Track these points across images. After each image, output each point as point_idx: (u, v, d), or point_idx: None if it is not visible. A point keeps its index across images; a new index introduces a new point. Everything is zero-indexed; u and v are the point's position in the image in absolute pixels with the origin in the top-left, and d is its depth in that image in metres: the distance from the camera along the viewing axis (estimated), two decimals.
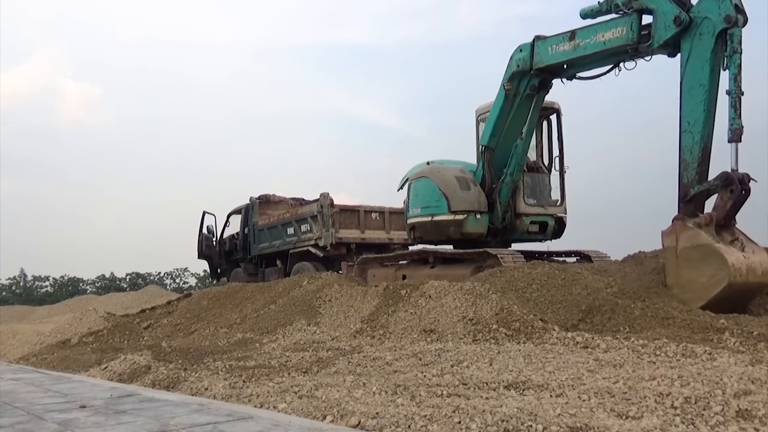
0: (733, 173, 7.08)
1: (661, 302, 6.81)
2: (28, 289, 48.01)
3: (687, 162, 7.43)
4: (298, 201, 18.02)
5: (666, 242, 7.21)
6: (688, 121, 7.43)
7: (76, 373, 7.26)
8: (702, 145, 7.36)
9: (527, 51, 9.30)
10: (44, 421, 3.96)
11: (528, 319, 6.65)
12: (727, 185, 7.08)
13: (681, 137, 7.52)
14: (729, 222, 7.22)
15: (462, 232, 10.17)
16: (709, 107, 7.34)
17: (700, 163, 7.37)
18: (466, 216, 10.11)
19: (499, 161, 10.18)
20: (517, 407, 3.52)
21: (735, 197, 7.07)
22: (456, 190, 10.24)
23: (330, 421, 3.70)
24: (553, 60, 9.02)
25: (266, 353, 6.87)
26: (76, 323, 12.36)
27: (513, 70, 9.50)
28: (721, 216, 7.10)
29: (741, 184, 7.05)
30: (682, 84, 7.50)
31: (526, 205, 10.33)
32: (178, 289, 43.10)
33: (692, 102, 7.40)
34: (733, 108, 7.04)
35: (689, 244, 6.95)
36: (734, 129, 7.02)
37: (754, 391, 3.70)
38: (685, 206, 7.38)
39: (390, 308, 7.84)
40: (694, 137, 7.39)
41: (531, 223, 10.41)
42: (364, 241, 15.46)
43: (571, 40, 8.67)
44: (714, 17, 7.20)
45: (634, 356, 5.13)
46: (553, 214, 10.59)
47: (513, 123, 9.88)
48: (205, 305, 11.18)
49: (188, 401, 4.53)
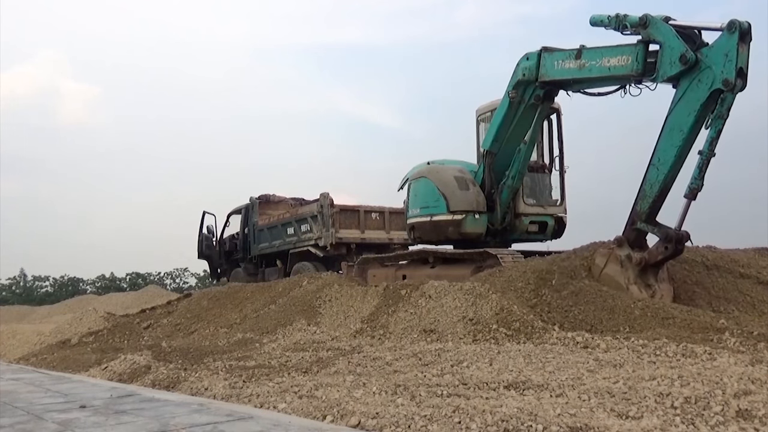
0: (674, 233, 7.43)
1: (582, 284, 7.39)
2: (28, 289, 48.02)
3: (645, 193, 7.74)
4: (298, 201, 18.02)
5: (597, 260, 7.75)
6: (659, 158, 7.65)
7: (76, 373, 7.26)
8: (662, 185, 7.62)
9: (534, 61, 9.18)
10: (44, 421, 3.97)
11: (528, 319, 6.65)
12: (665, 241, 7.48)
13: (648, 168, 7.76)
14: (658, 265, 7.70)
15: (460, 232, 10.17)
16: (681, 153, 7.52)
17: (656, 200, 7.67)
18: (464, 216, 10.10)
19: (500, 166, 10.17)
20: (517, 407, 3.52)
21: (668, 254, 7.50)
22: (455, 190, 10.24)
23: (330, 421, 3.70)
24: (558, 75, 8.95)
25: (266, 353, 6.88)
26: (76, 323, 12.37)
27: (518, 78, 9.38)
28: (651, 261, 7.60)
29: (677, 244, 7.43)
30: (667, 119, 7.60)
31: (526, 205, 10.32)
32: (178, 289, 43.10)
33: (668, 142, 7.56)
34: (699, 168, 7.25)
35: (610, 274, 7.60)
36: (693, 188, 7.28)
37: (754, 391, 3.70)
38: (629, 232, 7.81)
39: (390, 308, 7.84)
40: (659, 175, 7.64)
41: (531, 223, 10.40)
42: (364, 241, 15.45)
43: (577, 58, 8.57)
44: (716, 72, 7.13)
45: (634, 356, 5.13)
46: (553, 214, 10.58)
47: (516, 129, 9.84)
48: (205, 305, 11.19)
49: (188, 401, 4.53)
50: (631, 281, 7.51)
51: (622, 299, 7.01)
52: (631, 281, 7.51)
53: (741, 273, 8.21)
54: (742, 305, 7.60)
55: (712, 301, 7.66)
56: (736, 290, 7.83)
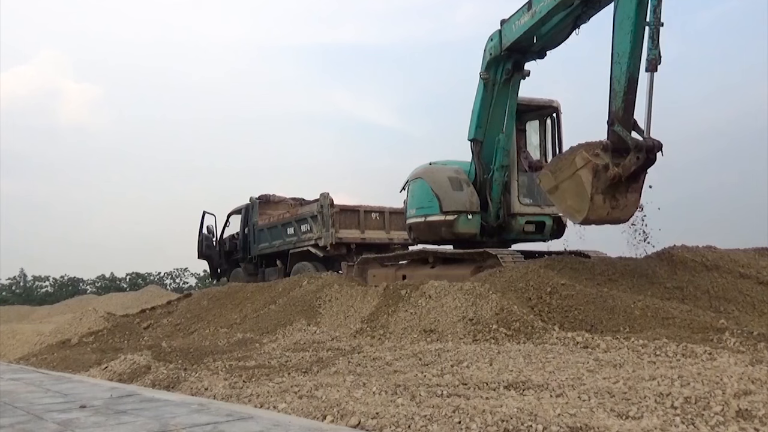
0: (644, 142, 7.50)
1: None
2: (28, 289, 48.06)
3: (616, 91, 7.80)
4: (298, 201, 18.01)
5: (576, 159, 7.85)
6: (618, 53, 7.78)
7: (76, 373, 7.26)
8: (628, 75, 7.68)
9: (497, 37, 9.72)
10: (44, 421, 3.96)
11: (528, 319, 6.65)
12: (636, 150, 7.56)
13: (612, 67, 7.87)
14: (634, 177, 7.74)
15: (453, 232, 10.23)
16: (635, 39, 7.62)
17: (627, 92, 7.71)
18: (457, 216, 10.16)
19: (487, 155, 10.29)
20: (517, 407, 3.51)
21: (639, 164, 7.56)
22: (448, 190, 10.31)
23: (330, 421, 3.70)
24: (517, 34, 9.34)
25: (266, 353, 6.87)
26: (76, 323, 12.38)
27: (487, 59, 9.88)
28: (625, 175, 7.64)
29: (648, 153, 7.52)
30: (614, 17, 7.82)
31: (521, 204, 10.26)
32: (178, 289, 43.14)
33: (621, 34, 7.72)
34: (651, 38, 7.39)
35: (581, 179, 7.74)
36: (650, 59, 7.36)
37: (754, 391, 3.69)
38: (611, 134, 7.82)
39: (390, 308, 7.84)
40: (621, 67, 7.72)
41: (527, 223, 10.34)
42: (364, 241, 15.44)
43: (529, 10, 9.07)
44: None
45: (634, 356, 5.13)
46: (551, 213, 10.48)
47: (495, 112, 10.11)
48: (205, 305, 11.19)
49: (188, 401, 4.53)
50: (597, 191, 7.65)
51: (622, 299, 7.02)
52: (597, 191, 7.65)
53: (741, 273, 8.21)
54: (742, 305, 7.59)
55: (712, 301, 7.65)
56: (736, 290, 7.82)
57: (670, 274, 8.14)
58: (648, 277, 8.12)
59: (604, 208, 7.74)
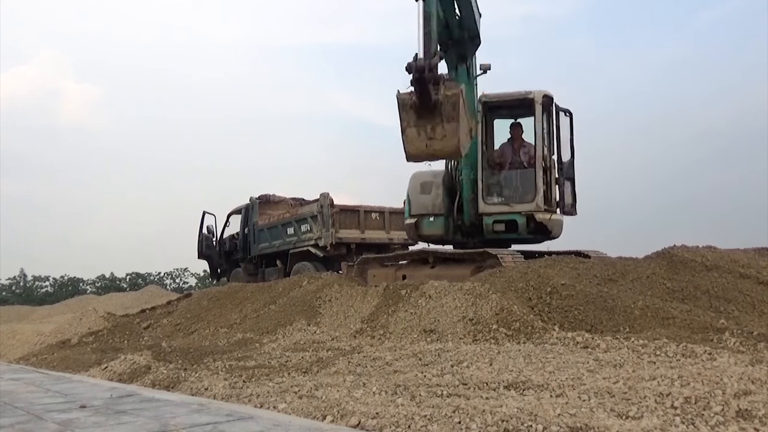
0: (416, 63, 7.35)
1: None
2: (28, 289, 48.06)
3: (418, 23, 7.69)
4: (298, 201, 18.02)
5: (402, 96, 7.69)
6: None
7: (76, 373, 7.26)
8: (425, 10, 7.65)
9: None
10: (44, 421, 3.96)
11: (528, 319, 6.64)
12: (408, 71, 7.40)
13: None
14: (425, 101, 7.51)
15: (419, 234, 10.64)
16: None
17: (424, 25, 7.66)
18: (419, 219, 10.54)
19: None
20: (517, 407, 3.51)
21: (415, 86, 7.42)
22: (416, 194, 10.62)
23: (330, 421, 3.70)
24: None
25: (266, 353, 6.87)
26: (76, 323, 12.39)
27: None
28: (420, 102, 7.52)
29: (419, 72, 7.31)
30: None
31: (486, 204, 10.06)
32: (178, 289, 43.14)
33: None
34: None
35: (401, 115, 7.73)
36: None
37: (754, 391, 3.69)
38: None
39: (390, 308, 7.84)
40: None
41: (495, 223, 10.03)
42: (364, 241, 15.46)
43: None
44: None
45: (634, 356, 5.12)
46: (521, 211, 9.90)
47: None
48: (205, 305, 11.18)
49: (188, 401, 4.53)
50: (410, 125, 7.68)
51: (622, 299, 7.02)
52: (410, 125, 7.68)
53: (741, 273, 8.20)
54: (742, 305, 7.58)
55: (712, 301, 7.64)
56: (736, 290, 7.81)
57: (670, 274, 8.13)
58: (648, 277, 8.11)
59: (420, 140, 7.72)
